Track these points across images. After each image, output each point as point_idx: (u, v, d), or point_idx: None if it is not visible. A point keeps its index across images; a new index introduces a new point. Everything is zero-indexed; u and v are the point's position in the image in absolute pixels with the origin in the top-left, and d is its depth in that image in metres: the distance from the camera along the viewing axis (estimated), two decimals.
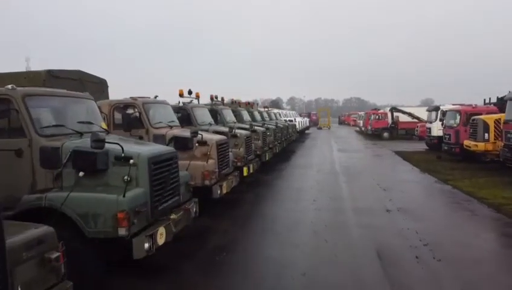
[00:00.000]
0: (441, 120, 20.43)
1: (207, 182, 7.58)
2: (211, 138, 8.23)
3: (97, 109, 6.10)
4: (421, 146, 24.62)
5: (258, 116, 19.57)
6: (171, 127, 8.28)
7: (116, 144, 4.70)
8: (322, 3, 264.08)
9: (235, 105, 17.28)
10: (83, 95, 5.89)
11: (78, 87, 7.48)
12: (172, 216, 5.06)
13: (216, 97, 14.73)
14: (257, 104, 23.09)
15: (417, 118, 31.17)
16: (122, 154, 4.59)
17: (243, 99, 20.43)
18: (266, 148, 15.19)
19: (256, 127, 14.40)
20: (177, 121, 8.96)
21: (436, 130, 21.60)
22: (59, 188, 4.58)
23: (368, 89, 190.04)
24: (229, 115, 14.27)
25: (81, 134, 5.10)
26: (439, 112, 21.86)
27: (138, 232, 4.50)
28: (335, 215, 8.67)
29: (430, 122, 22.96)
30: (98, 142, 4.35)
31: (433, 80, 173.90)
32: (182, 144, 7.57)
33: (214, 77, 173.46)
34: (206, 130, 10.46)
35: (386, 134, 34.23)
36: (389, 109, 35.63)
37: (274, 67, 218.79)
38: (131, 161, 4.55)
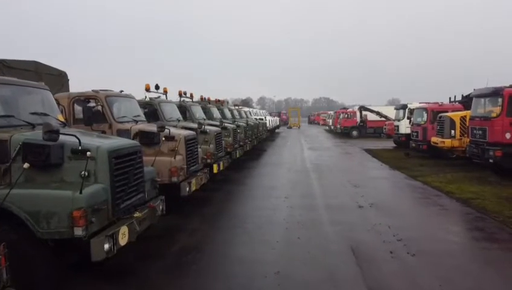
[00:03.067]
0: (408, 118, 20.85)
1: (174, 179, 7.21)
2: (179, 133, 7.85)
3: (53, 100, 5.63)
4: (389, 144, 25.09)
5: (228, 114, 19.11)
6: (136, 122, 7.84)
7: (73, 135, 4.29)
8: (290, 5, 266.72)
9: (204, 102, 16.90)
10: (36, 84, 5.42)
11: (34, 79, 6.94)
12: (136, 214, 4.70)
13: (185, 93, 14.33)
14: (227, 102, 22.61)
15: (385, 116, 31.76)
16: (79, 147, 4.19)
17: (213, 98, 20.07)
18: (237, 146, 14.93)
19: (226, 124, 14.10)
20: (143, 115, 8.52)
21: (404, 127, 22.04)
22: (7, 185, 4.13)
23: (336, 89, 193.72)
24: (198, 111, 13.89)
25: (33, 126, 4.65)
26: (406, 110, 22.26)
27: (98, 232, 4.13)
28: (307, 212, 8.51)
29: (398, 120, 23.40)
30: (51, 133, 3.94)
31: (399, 81, 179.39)
32: (148, 139, 7.19)
33: (183, 76, 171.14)
34: (175, 126, 10.08)
35: (354, 132, 34.72)
36: (357, 108, 36.02)
37: (244, 67, 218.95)
38: (89, 154, 4.15)
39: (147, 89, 10.42)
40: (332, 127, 44.10)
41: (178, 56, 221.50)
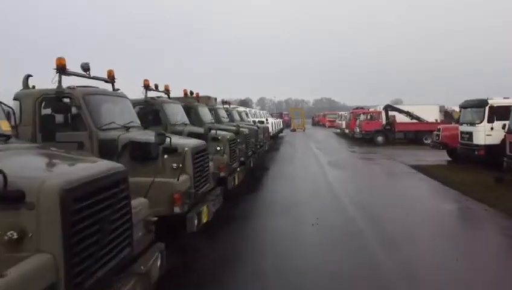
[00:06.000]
0: (490, 121, 15.60)
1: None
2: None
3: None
4: (439, 156, 19.50)
5: (206, 116, 12.28)
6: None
7: None
8: (292, 5, 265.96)
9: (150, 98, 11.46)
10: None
11: None
12: None
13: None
14: (215, 99, 16.45)
15: (417, 118, 28.64)
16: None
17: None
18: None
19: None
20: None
21: (483, 136, 15.75)
22: None
23: (337, 89, 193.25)
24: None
25: None
26: (486, 108, 15.81)
27: None
28: None
29: (471, 124, 16.67)
30: None
31: (400, 81, 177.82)
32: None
33: (182, 76, 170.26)
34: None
35: (380, 138, 29.33)
36: (382, 107, 31.22)
37: (244, 68, 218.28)
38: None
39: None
40: (346, 131, 38.25)
41: (176, 56, 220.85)
